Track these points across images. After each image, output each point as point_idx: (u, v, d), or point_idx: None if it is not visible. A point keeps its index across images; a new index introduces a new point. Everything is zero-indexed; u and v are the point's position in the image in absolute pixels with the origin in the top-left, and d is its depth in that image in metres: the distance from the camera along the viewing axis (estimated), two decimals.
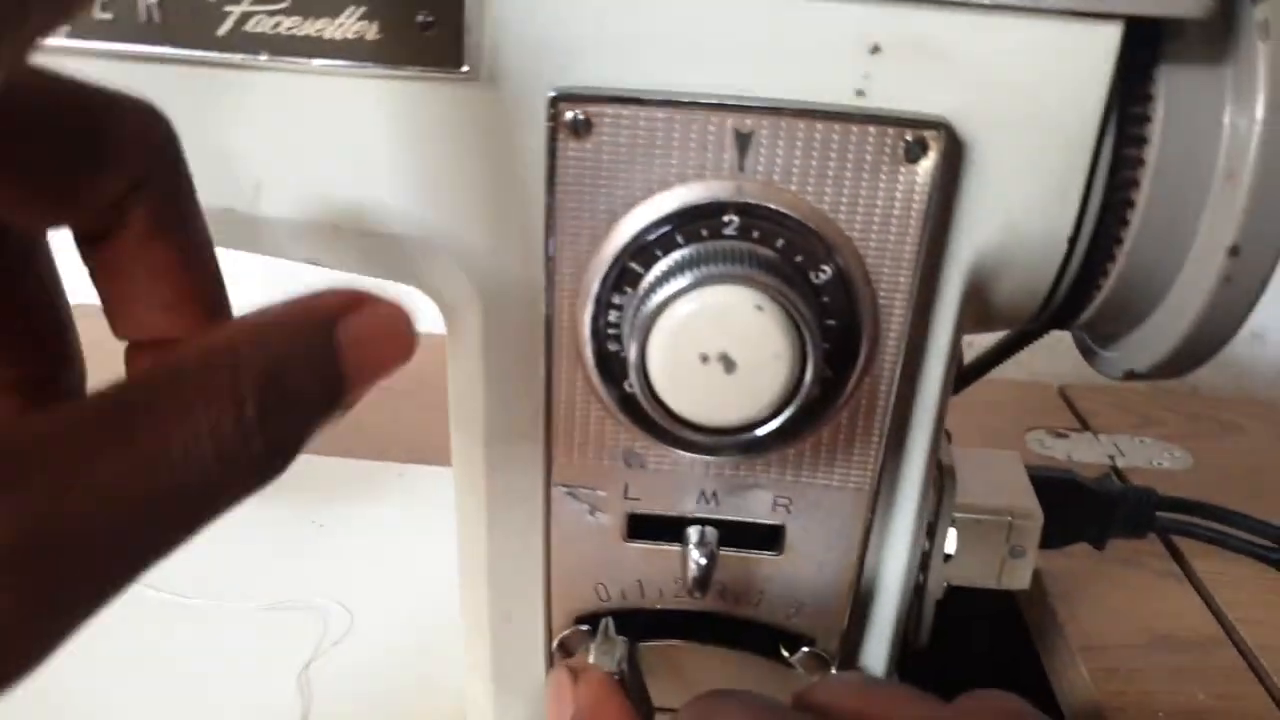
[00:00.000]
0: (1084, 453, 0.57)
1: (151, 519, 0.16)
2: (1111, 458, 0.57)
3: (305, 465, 0.53)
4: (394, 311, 0.20)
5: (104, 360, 0.21)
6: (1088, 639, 0.41)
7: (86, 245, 0.20)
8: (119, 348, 0.21)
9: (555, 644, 0.30)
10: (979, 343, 0.39)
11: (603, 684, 0.26)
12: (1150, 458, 0.58)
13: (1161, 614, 0.43)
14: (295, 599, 0.37)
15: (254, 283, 0.26)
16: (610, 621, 0.29)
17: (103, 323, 0.21)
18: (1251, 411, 0.66)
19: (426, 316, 0.22)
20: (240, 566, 0.41)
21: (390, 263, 0.28)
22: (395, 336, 0.20)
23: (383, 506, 0.46)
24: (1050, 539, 0.42)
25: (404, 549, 0.43)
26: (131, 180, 0.19)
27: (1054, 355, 0.77)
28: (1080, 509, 0.41)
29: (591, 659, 0.28)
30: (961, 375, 0.40)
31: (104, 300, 0.21)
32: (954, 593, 0.41)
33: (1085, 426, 0.62)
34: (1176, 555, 0.48)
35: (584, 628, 0.30)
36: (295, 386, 0.18)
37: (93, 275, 0.20)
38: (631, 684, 0.28)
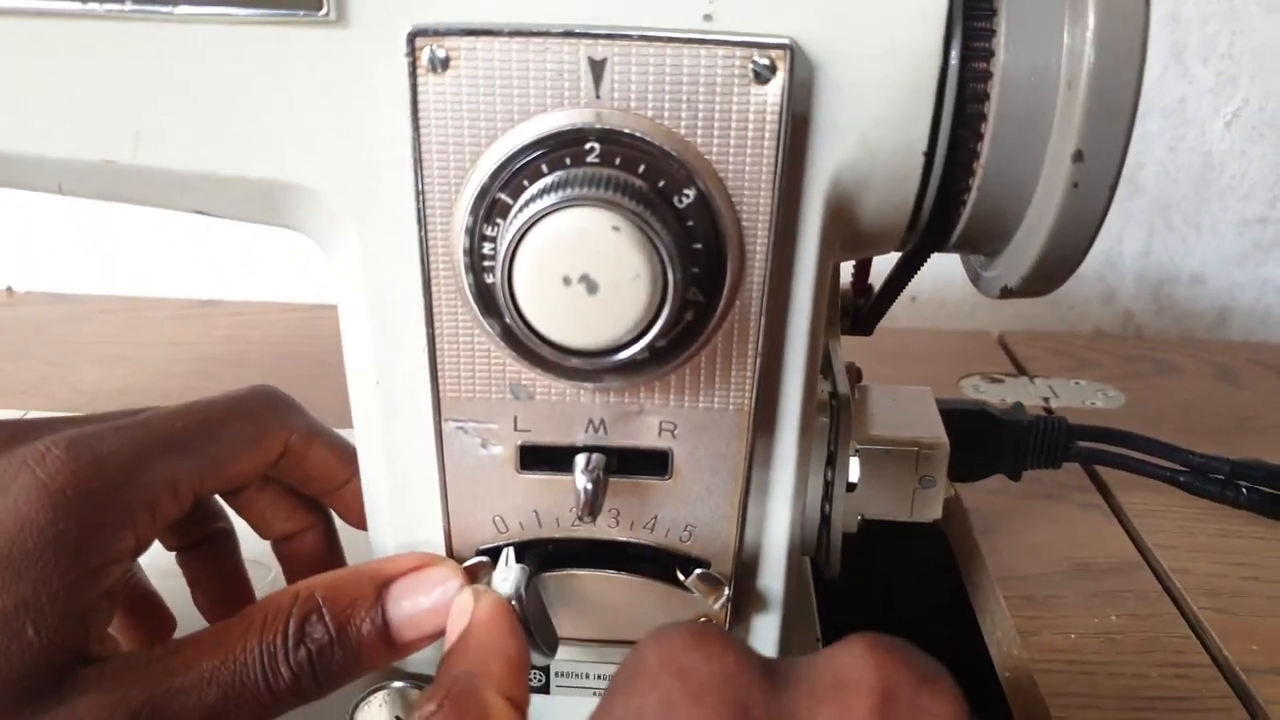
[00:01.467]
0: (1018, 396, 0.58)
1: (220, 712, 0.25)
2: (1045, 399, 0.58)
3: None
4: (443, 577, 0.28)
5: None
6: (1008, 569, 0.42)
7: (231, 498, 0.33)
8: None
9: None
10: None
11: (497, 604, 0.27)
12: (1084, 398, 0.59)
13: (1082, 544, 0.44)
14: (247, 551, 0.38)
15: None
16: (510, 551, 0.30)
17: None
18: (1189, 352, 0.67)
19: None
20: None
21: (270, 209, 0.28)
22: (439, 604, 0.28)
23: None
24: (964, 471, 0.43)
25: None
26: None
27: (995, 307, 0.79)
28: (993, 440, 0.42)
29: (491, 586, 0.29)
30: (866, 315, 0.41)
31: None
32: (888, 531, 0.42)
33: (1021, 372, 0.62)
34: (1101, 488, 0.49)
35: (485, 559, 0.30)
36: (337, 626, 0.27)
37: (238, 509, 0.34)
38: (530, 610, 0.29)
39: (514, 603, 0.28)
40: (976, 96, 0.25)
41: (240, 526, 0.35)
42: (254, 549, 0.36)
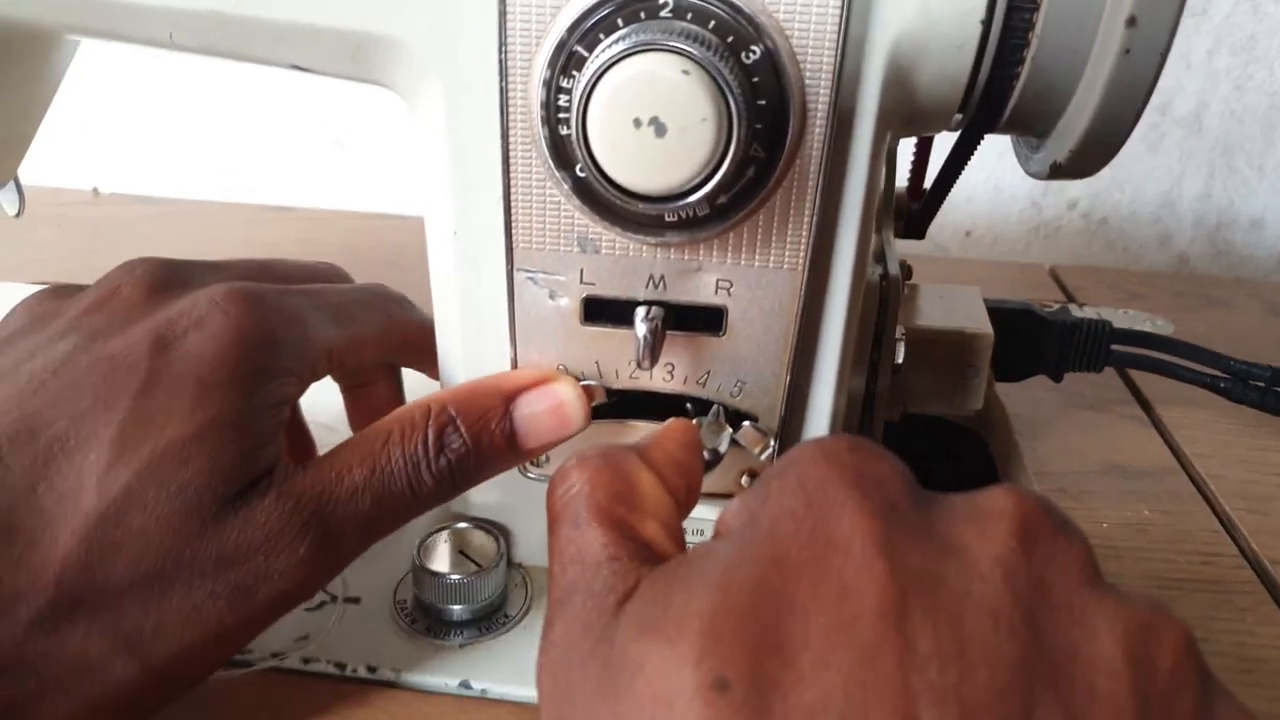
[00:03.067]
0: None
1: (373, 516, 0.29)
2: None
3: None
4: (565, 392, 0.31)
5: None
6: (1043, 466, 0.44)
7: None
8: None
9: None
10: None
11: (686, 423, 0.29)
12: (1131, 324, 0.59)
13: (1119, 449, 0.45)
14: (312, 418, 0.40)
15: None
16: (721, 409, 0.32)
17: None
18: (1242, 289, 0.67)
19: None
20: None
21: (361, 62, 0.30)
22: (560, 413, 0.31)
23: None
24: (1007, 369, 0.44)
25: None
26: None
27: (1048, 244, 0.79)
28: (1037, 339, 0.43)
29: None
30: (920, 214, 0.42)
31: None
32: (928, 429, 0.43)
33: (1071, 300, 0.63)
34: (1142, 401, 0.50)
35: (596, 384, 0.32)
36: (472, 436, 0.30)
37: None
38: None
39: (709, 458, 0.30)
40: None
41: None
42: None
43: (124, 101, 0.78)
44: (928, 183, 0.43)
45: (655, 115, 0.26)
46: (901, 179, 0.44)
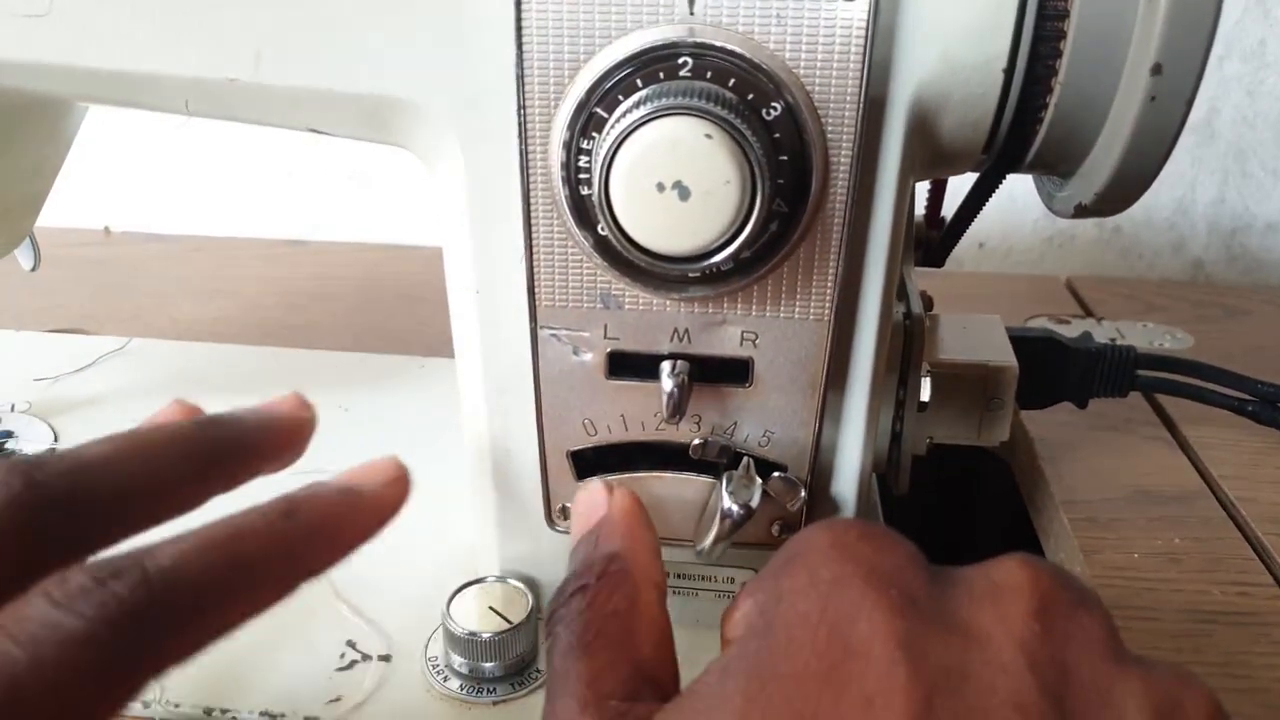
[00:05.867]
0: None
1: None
2: (1113, 340, 0.59)
3: (333, 360, 0.57)
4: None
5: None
6: (1071, 494, 0.43)
7: None
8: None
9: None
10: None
11: (633, 496, 0.27)
12: (1151, 340, 0.59)
13: (1146, 473, 0.45)
14: (320, 467, 0.40)
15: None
16: (751, 461, 0.31)
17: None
18: (1260, 297, 0.67)
19: None
20: None
21: (379, 125, 0.30)
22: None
23: (405, 392, 0.50)
24: (1032, 398, 0.44)
25: (423, 427, 0.46)
26: None
27: (1062, 254, 0.79)
28: (1060, 367, 0.42)
29: (727, 495, 0.30)
30: (939, 245, 0.42)
31: None
32: (954, 457, 0.43)
33: (1089, 314, 0.63)
34: (1167, 422, 0.49)
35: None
36: None
37: None
38: None
39: (742, 512, 0.30)
40: (1057, 13, 0.26)
41: None
42: None
43: (135, 138, 0.78)
44: (945, 210, 0.43)
45: (679, 179, 0.25)
46: (919, 205, 0.43)
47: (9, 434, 0.46)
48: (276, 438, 0.28)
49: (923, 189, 0.43)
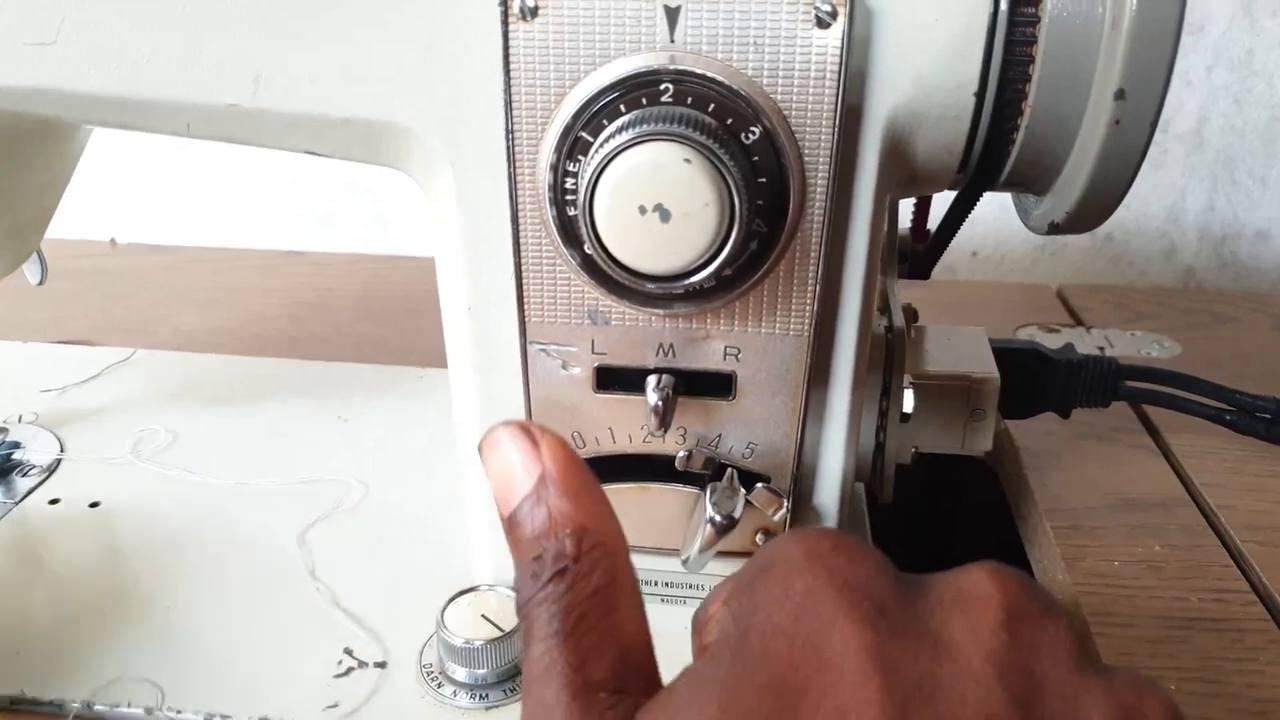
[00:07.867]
0: (1075, 345, 0.59)
1: None
2: (1101, 349, 0.60)
3: (331, 370, 0.58)
4: None
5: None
6: (1055, 502, 0.44)
7: None
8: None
9: None
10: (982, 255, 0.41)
11: (563, 441, 0.24)
12: (1139, 348, 0.60)
13: (1129, 481, 0.46)
14: (319, 475, 0.42)
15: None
16: (734, 473, 0.32)
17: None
18: (1248, 305, 0.67)
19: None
20: (270, 453, 0.46)
21: (373, 148, 0.31)
22: None
23: (403, 402, 0.51)
24: (1015, 408, 0.45)
25: (421, 436, 0.47)
26: None
27: (1055, 262, 0.79)
28: (1043, 378, 0.43)
29: (711, 506, 0.31)
30: (924, 258, 0.43)
31: None
32: (939, 465, 0.43)
33: (1078, 322, 0.64)
34: (1151, 430, 0.50)
35: None
36: None
37: None
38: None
39: (724, 523, 0.31)
40: (1024, 40, 0.27)
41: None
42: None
43: (139, 152, 0.80)
44: (930, 223, 0.44)
45: (659, 202, 0.26)
46: (904, 218, 0.44)
47: (16, 444, 0.47)
48: None
49: (908, 204, 0.44)
